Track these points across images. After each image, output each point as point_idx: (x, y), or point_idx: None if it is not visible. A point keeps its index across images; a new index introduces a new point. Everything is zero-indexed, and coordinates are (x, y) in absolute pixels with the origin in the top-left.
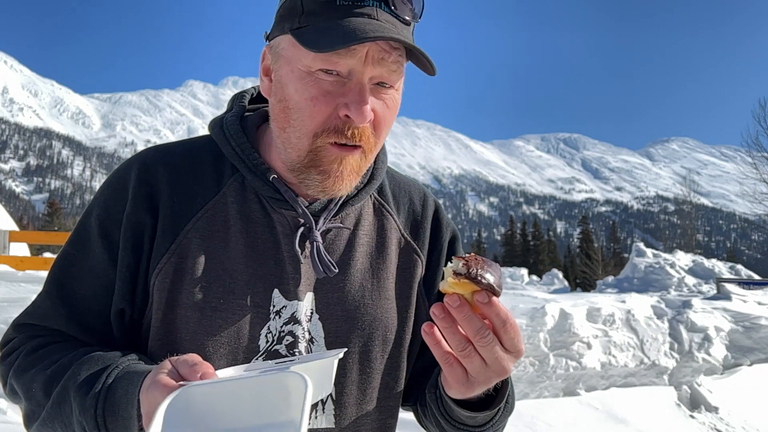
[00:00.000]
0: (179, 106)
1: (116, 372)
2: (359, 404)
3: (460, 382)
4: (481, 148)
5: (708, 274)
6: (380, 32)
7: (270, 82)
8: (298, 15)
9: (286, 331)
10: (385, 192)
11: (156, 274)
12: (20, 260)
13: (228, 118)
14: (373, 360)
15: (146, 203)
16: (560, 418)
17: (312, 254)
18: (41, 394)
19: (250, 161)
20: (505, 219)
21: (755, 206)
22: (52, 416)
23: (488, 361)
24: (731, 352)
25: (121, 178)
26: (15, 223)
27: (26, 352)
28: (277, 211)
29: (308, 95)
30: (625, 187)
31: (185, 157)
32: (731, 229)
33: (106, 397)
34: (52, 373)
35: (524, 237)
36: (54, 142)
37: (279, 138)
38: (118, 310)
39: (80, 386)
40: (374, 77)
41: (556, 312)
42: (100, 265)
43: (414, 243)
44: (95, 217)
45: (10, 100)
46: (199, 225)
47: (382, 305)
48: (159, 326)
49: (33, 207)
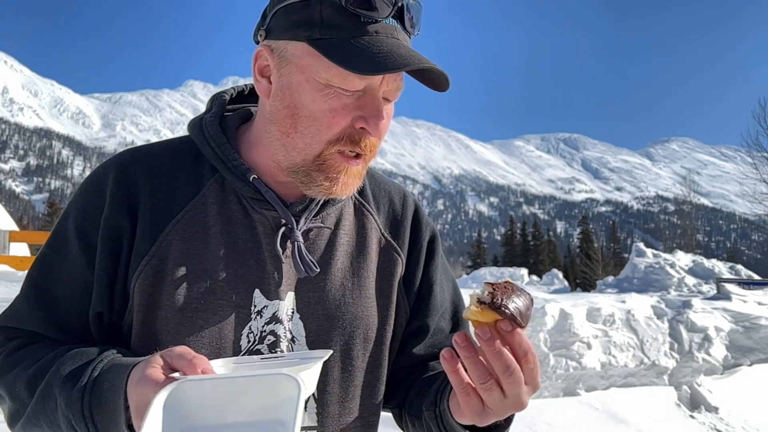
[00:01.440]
0: (179, 106)
1: (101, 365)
2: (342, 402)
3: (475, 412)
4: (481, 148)
5: (708, 274)
6: (417, 60)
7: (269, 83)
8: (317, 25)
9: (267, 330)
10: (366, 192)
11: (136, 277)
12: (20, 260)
13: (207, 118)
14: (354, 358)
15: (124, 206)
16: (560, 418)
17: (293, 254)
18: (25, 393)
19: (230, 162)
20: (505, 219)
21: (755, 206)
22: (36, 413)
23: (509, 395)
24: (731, 352)
25: (98, 180)
26: (15, 223)
27: (6, 353)
28: (258, 211)
29: (327, 107)
30: (625, 187)
31: (164, 158)
32: (731, 229)
33: (92, 390)
34: (35, 372)
35: (524, 237)
36: (54, 142)
37: (279, 141)
38: (96, 312)
39: (65, 380)
40: (385, 92)
41: (556, 312)
42: (77, 268)
43: (394, 242)
44: (72, 220)
45: (10, 100)
46: (179, 227)
47: (362, 304)
48: (140, 328)
49: (33, 207)
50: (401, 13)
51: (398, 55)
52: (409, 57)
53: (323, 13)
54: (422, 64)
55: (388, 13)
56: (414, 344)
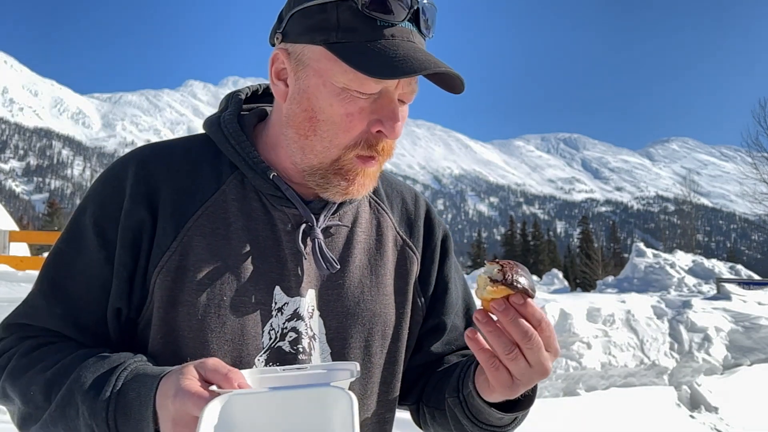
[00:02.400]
0: (179, 106)
1: (125, 374)
2: (360, 398)
3: (504, 385)
4: (481, 148)
5: (708, 274)
6: (434, 64)
7: (285, 86)
8: (333, 29)
9: (288, 327)
10: (379, 192)
11: (157, 273)
12: (20, 260)
13: (225, 116)
14: (373, 355)
15: (145, 201)
16: (560, 418)
17: (314, 251)
18: (40, 398)
19: (250, 159)
20: (505, 219)
21: (755, 206)
22: (55, 420)
23: (532, 363)
24: (731, 352)
25: (117, 175)
26: (15, 223)
27: (20, 354)
28: (278, 208)
29: (344, 111)
30: (625, 187)
31: (183, 154)
32: (731, 229)
33: (117, 400)
34: (52, 376)
35: (524, 237)
36: (54, 142)
37: (297, 143)
38: (115, 309)
39: (88, 390)
40: (400, 95)
41: (556, 312)
42: (95, 263)
43: (409, 240)
44: (90, 215)
45: (10, 100)
46: (200, 222)
47: (380, 301)
48: (160, 325)
49: (33, 207)
50: (417, 16)
51: (415, 59)
52: (426, 61)
53: (340, 17)
54: (438, 68)
55: (405, 17)
56: (431, 342)
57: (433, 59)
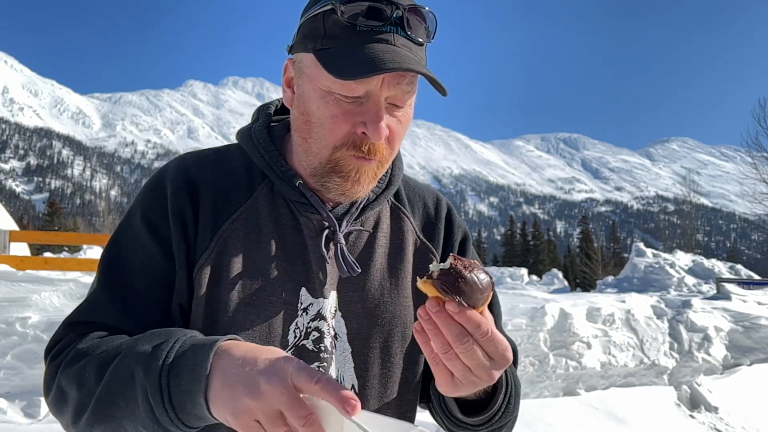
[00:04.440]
0: (179, 105)
1: (183, 338)
2: (381, 397)
3: (445, 381)
4: (481, 148)
5: (708, 274)
6: (396, 62)
7: (293, 93)
8: (320, 37)
9: (312, 327)
10: (401, 196)
11: (198, 269)
12: (20, 260)
13: (256, 128)
14: (393, 355)
15: (186, 196)
16: (560, 418)
17: (336, 255)
18: (93, 378)
19: (278, 168)
20: (505, 219)
21: (755, 206)
22: (110, 391)
23: (471, 367)
24: (731, 351)
25: (159, 180)
26: (15, 222)
27: (78, 346)
28: (304, 214)
29: (329, 113)
30: (625, 187)
31: (220, 161)
32: (731, 229)
33: (173, 360)
34: (107, 356)
35: (524, 237)
36: (54, 142)
37: (300, 146)
38: (178, 304)
39: (143, 353)
40: (389, 97)
41: (556, 312)
42: (153, 259)
43: (429, 243)
44: (140, 218)
45: (10, 100)
46: (235, 225)
47: (400, 303)
48: (203, 319)
49: (33, 207)
50: (401, 20)
51: (382, 60)
52: (389, 62)
53: (326, 25)
54: (399, 67)
55: (385, 22)
56: None
57: (406, 54)
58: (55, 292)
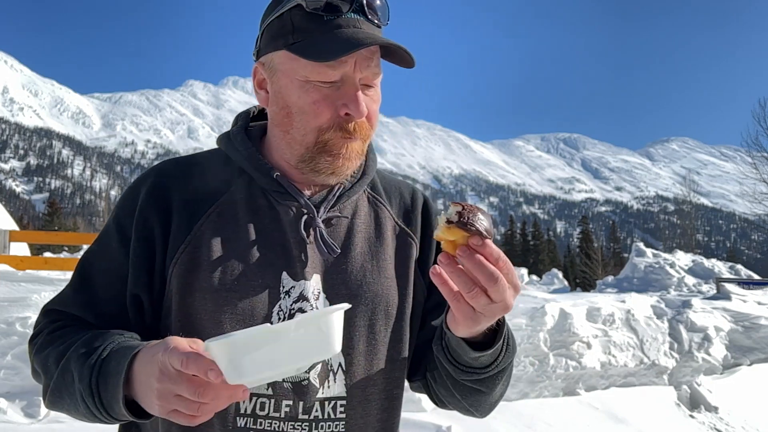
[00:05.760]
0: (179, 105)
1: (112, 346)
2: (367, 374)
3: (467, 317)
4: (481, 148)
5: (708, 274)
6: (372, 38)
7: (267, 93)
8: (290, 32)
9: (296, 308)
10: (378, 188)
11: (173, 265)
12: (20, 260)
13: (234, 130)
14: (377, 333)
15: (158, 202)
16: (560, 418)
17: (316, 238)
18: (54, 368)
19: (256, 161)
20: (505, 219)
21: (755, 206)
22: (59, 386)
23: (495, 300)
24: (731, 351)
25: (137, 184)
26: (15, 222)
27: (48, 332)
28: (281, 203)
29: (310, 100)
30: (625, 187)
31: (195, 165)
32: (731, 229)
33: (100, 366)
34: (63, 350)
35: (524, 237)
36: (54, 142)
37: (283, 140)
38: (133, 295)
39: (80, 357)
40: (362, 78)
41: (556, 312)
42: (116, 257)
43: (407, 229)
44: (113, 218)
45: (10, 100)
46: (212, 218)
47: (382, 283)
48: (178, 309)
49: (33, 207)
50: (361, 7)
51: (354, 40)
52: (364, 39)
53: (293, 21)
54: (375, 41)
55: (348, 9)
56: (433, 318)
57: (372, 37)
58: (55, 292)
